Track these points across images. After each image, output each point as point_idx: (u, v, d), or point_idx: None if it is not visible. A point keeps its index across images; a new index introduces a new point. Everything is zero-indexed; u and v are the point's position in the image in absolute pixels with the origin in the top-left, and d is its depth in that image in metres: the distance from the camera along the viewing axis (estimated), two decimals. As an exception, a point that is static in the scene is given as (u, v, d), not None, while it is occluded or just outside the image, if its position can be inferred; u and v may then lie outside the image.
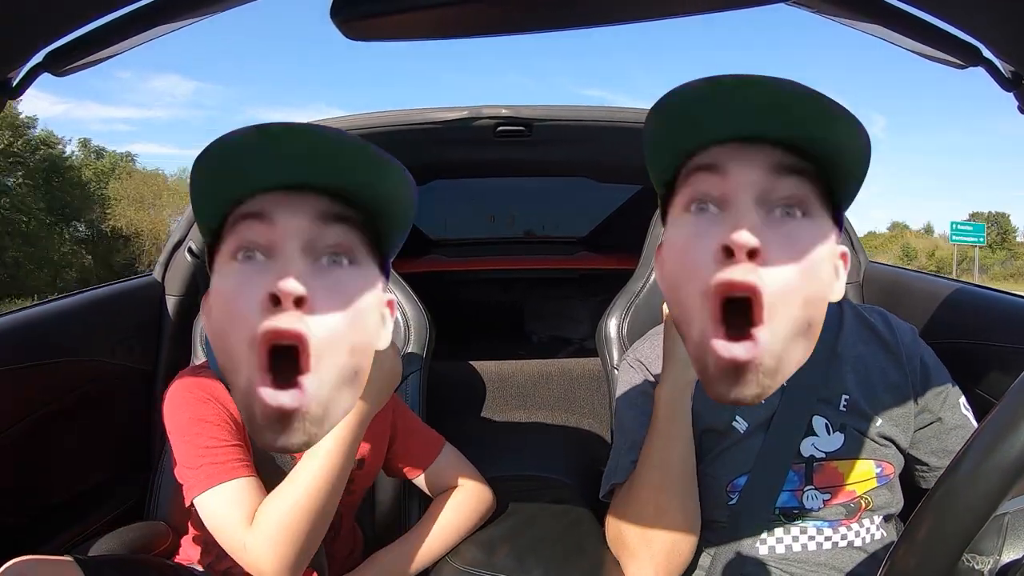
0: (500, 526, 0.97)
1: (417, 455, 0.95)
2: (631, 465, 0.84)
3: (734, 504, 0.82)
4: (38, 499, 1.04)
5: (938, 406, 0.87)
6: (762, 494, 0.81)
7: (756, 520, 0.82)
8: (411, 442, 0.96)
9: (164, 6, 0.44)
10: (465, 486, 0.95)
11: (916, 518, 0.43)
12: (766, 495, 0.81)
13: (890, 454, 0.85)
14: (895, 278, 1.28)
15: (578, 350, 1.79)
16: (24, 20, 0.39)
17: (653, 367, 0.89)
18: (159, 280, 1.29)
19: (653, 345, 0.93)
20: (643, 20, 0.40)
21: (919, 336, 0.92)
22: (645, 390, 0.89)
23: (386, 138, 1.27)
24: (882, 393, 0.85)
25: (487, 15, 0.39)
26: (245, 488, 0.71)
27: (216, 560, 0.92)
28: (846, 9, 0.48)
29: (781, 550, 0.82)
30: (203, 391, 0.78)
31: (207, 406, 0.77)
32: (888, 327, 0.90)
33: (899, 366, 0.87)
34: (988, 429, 0.41)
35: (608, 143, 1.32)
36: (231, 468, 0.72)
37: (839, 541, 0.82)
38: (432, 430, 1.00)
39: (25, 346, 1.00)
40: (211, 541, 0.90)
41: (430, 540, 0.90)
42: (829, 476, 0.82)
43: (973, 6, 0.43)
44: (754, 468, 0.81)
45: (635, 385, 0.91)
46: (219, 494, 0.71)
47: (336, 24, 0.38)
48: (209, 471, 0.72)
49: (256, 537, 0.68)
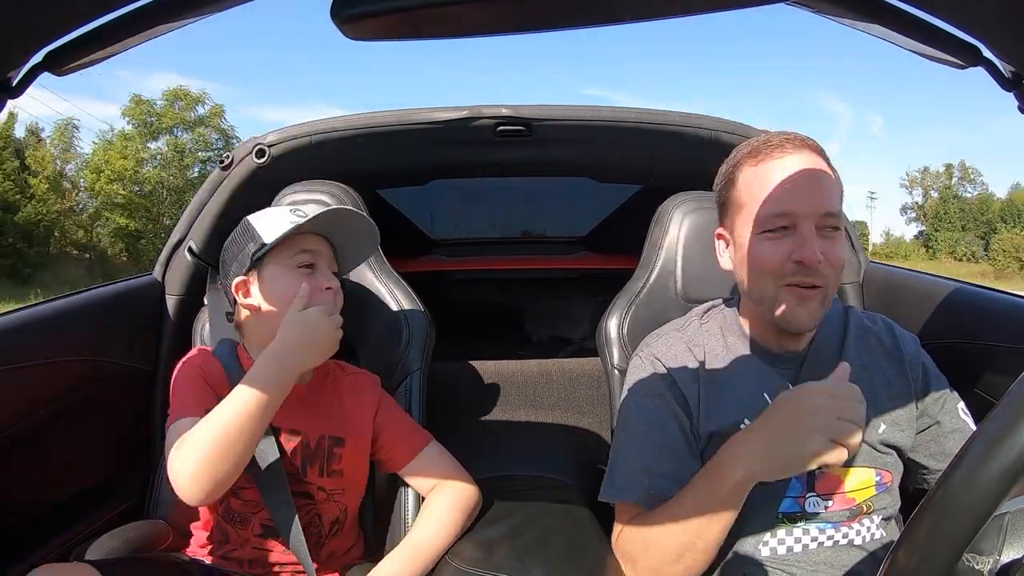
0: (500, 526, 0.97)
1: (402, 448, 0.98)
2: (646, 491, 0.82)
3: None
4: (38, 499, 1.04)
5: (937, 410, 0.88)
6: (767, 500, 0.81)
7: (759, 524, 0.82)
8: (395, 435, 0.99)
9: (164, 5, 0.44)
10: (452, 484, 0.97)
11: (916, 518, 0.43)
12: (770, 501, 0.81)
13: (890, 462, 0.85)
14: (894, 278, 1.28)
15: (578, 350, 1.79)
16: (24, 19, 0.39)
17: (669, 363, 0.89)
18: (159, 280, 1.29)
19: (669, 343, 0.92)
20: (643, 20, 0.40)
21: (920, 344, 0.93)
22: (660, 392, 0.87)
23: (386, 138, 1.27)
24: (886, 400, 0.86)
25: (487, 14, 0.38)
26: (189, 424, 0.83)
27: (226, 552, 0.93)
28: (846, 9, 0.48)
29: (782, 551, 0.82)
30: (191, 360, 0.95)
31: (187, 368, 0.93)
32: (892, 335, 0.92)
33: (902, 372, 0.88)
34: (987, 429, 0.41)
35: (609, 143, 1.32)
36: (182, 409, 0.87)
37: (839, 539, 0.82)
38: (419, 426, 1.03)
39: (25, 346, 1.00)
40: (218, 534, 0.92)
41: (431, 541, 0.91)
42: (830, 483, 0.83)
43: (973, 6, 0.43)
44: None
45: (647, 385, 0.89)
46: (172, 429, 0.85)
47: (336, 24, 0.38)
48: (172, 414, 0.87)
49: (176, 458, 0.79)
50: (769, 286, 0.80)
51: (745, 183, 0.83)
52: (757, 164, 0.82)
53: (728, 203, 0.86)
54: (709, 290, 1.09)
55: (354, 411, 0.98)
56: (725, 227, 0.88)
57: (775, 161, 0.80)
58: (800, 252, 0.77)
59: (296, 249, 0.94)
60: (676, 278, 1.13)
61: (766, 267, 0.79)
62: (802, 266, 0.77)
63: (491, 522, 0.98)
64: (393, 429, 1.00)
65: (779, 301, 0.79)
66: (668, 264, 1.13)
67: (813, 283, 0.78)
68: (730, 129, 1.26)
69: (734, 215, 0.85)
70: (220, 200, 1.27)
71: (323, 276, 0.94)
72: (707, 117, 1.28)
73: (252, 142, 1.26)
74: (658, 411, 0.86)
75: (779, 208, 0.78)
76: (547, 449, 1.42)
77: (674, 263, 1.13)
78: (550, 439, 1.45)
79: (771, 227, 0.79)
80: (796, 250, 0.77)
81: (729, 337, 0.90)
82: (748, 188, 0.82)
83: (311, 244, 0.95)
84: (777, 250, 0.78)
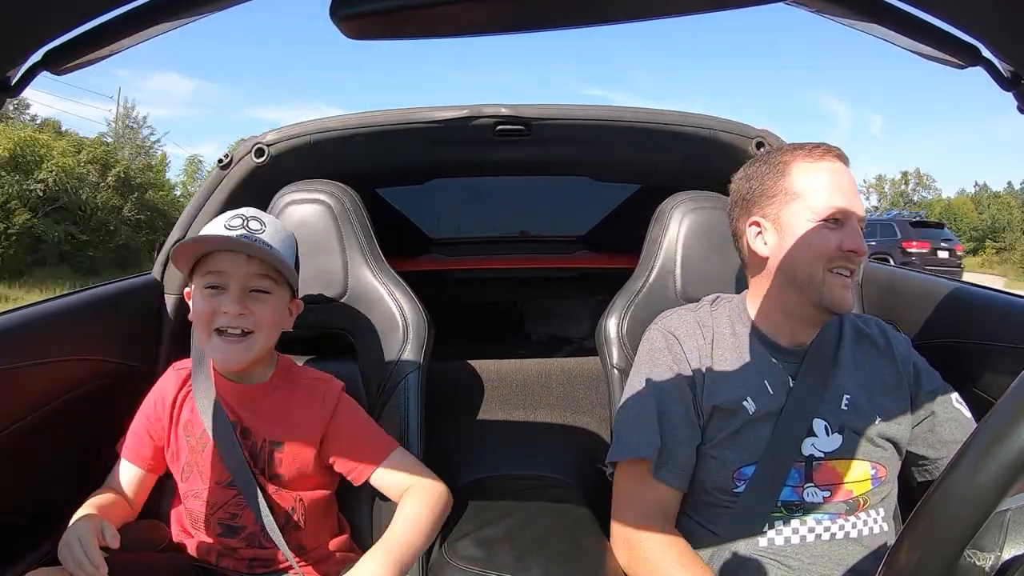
0: (500, 526, 0.97)
1: (364, 457, 0.97)
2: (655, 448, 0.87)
3: (740, 492, 0.85)
4: (38, 499, 1.04)
5: (931, 402, 0.92)
6: (768, 485, 0.85)
7: (760, 511, 0.85)
8: (354, 445, 0.97)
9: (163, 4, 0.44)
10: (422, 483, 0.96)
11: (917, 515, 0.43)
12: (771, 487, 0.85)
13: (886, 456, 0.89)
14: (893, 278, 1.28)
15: (578, 349, 1.79)
16: (23, 18, 0.39)
17: (681, 337, 0.95)
18: (158, 279, 1.28)
19: (682, 319, 0.98)
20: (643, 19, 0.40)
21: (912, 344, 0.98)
22: (669, 365, 0.92)
23: (385, 137, 1.27)
24: (880, 395, 0.91)
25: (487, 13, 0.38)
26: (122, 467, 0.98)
27: (220, 555, 0.93)
28: (845, 8, 0.48)
29: (780, 542, 0.84)
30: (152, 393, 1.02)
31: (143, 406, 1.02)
32: (884, 335, 0.98)
33: (895, 368, 0.94)
34: (987, 427, 0.41)
35: (608, 142, 1.32)
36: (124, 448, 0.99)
37: (837, 532, 0.85)
38: (383, 434, 1.01)
39: (24, 346, 0.99)
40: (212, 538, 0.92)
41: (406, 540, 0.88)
42: (827, 475, 0.86)
43: (973, 6, 0.43)
44: (762, 459, 0.85)
45: (662, 357, 0.94)
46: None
47: (336, 23, 0.38)
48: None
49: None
50: (819, 269, 0.87)
51: (802, 175, 0.90)
52: (815, 161, 0.90)
53: (773, 192, 0.91)
54: (708, 289, 1.09)
55: (301, 416, 0.96)
56: (764, 215, 0.93)
57: (829, 163, 0.90)
58: (852, 242, 0.87)
59: (204, 269, 0.90)
60: (675, 277, 1.13)
61: (822, 251, 0.87)
62: (852, 255, 0.87)
63: (491, 522, 0.98)
64: (352, 438, 0.97)
65: (826, 284, 0.87)
66: (667, 263, 1.13)
67: (852, 269, 0.88)
68: (729, 128, 1.27)
69: (784, 203, 0.91)
70: (219, 199, 1.27)
71: (229, 298, 0.88)
72: (706, 116, 1.28)
73: (251, 141, 1.26)
74: (667, 384, 0.91)
75: (839, 203, 0.88)
76: (546, 449, 1.42)
77: (673, 262, 1.13)
78: (549, 439, 1.45)
79: (829, 217, 0.87)
80: (847, 240, 0.87)
81: (737, 326, 0.95)
82: (807, 180, 0.90)
83: (220, 264, 0.89)
84: (833, 238, 0.87)
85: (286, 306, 0.96)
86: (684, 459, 0.87)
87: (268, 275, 0.91)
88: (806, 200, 0.89)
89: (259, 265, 0.90)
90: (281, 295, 0.94)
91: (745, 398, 0.88)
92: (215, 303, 0.89)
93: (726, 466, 0.86)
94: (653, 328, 0.99)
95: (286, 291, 0.95)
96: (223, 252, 0.89)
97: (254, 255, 0.89)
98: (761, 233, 0.93)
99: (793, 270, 0.89)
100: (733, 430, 0.87)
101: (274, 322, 0.93)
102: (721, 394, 0.89)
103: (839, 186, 0.88)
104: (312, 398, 0.98)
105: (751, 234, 0.94)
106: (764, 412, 0.87)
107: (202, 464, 0.94)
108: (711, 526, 0.87)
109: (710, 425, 0.88)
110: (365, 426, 1.00)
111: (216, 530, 0.94)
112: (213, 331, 0.89)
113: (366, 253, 1.18)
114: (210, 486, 0.93)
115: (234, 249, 0.89)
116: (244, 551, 0.94)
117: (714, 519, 0.87)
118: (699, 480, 0.88)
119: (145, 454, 0.98)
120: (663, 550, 0.82)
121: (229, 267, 0.89)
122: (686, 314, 0.99)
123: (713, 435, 0.88)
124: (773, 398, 0.88)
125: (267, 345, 0.94)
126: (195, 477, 0.95)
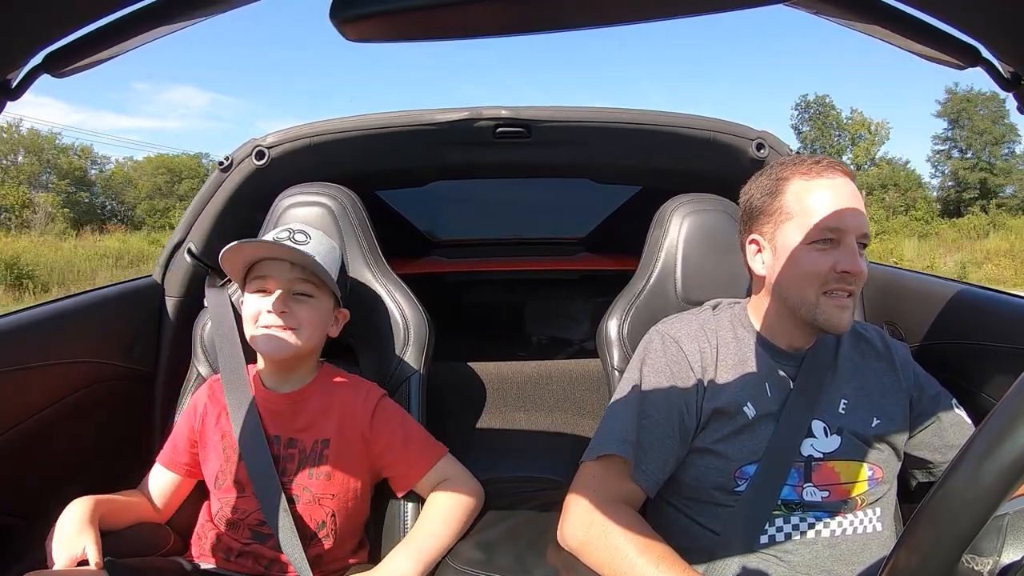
0: (500, 526, 0.97)
1: (408, 461, 0.99)
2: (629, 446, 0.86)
3: (741, 491, 0.85)
4: (38, 499, 1.04)
5: (934, 408, 0.93)
6: (769, 484, 0.85)
7: (761, 509, 0.85)
8: (397, 449, 0.99)
9: (164, 7, 0.44)
10: (456, 480, 0.98)
11: (916, 519, 0.43)
12: (772, 486, 0.85)
13: (883, 458, 0.90)
14: (893, 279, 1.28)
15: (578, 351, 1.79)
16: (23, 20, 0.39)
17: (683, 341, 0.94)
18: (159, 282, 1.29)
19: (685, 323, 0.97)
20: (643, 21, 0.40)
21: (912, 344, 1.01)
22: (665, 372, 0.91)
23: (385, 140, 1.27)
24: (878, 396, 0.92)
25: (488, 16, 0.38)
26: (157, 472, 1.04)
27: (222, 556, 0.93)
28: (845, 10, 0.48)
29: (780, 538, 0.86)
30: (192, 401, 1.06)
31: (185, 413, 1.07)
32: (883, 341, 0.99)
33: (894, 373, 0.95)
34: (987, 430, 0.41)
35: (608, 144, 1.32)
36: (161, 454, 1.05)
37: (835, 530, 0.87)
38: (432, 440, 1.02)
39: (26, 348, 1.00)
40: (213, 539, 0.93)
41: (435, 534, 0.91)
42: (826, 475, 0.87)
43: (973, 6, 0.42)
44: (764, 458, 0.86)
45: (665, 360, 0.93)
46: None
47: (335, 24, 0.38)
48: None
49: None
50: (811, 292, 0.86)
51: (796, 195, 0.88)
52: (811, 179, 0.88)
53: (770, 211, 0.90)
54: (709, 291, 1.09)
55: (341, 415, 0.98)
56: (761, 233, 0.92)
57: (826, 180, 0.87)
58: (846, 263, 0.84)
59: (252, 275, 0.98)
60: (676, 279, 1.13)
61: (812, 274, 0.86)
62: (846, 275, 0.85)
63: (491, 523, 0.98)
64: (392, 442, 0.99)
65: (820, 307, 0.86)
66: (668, 265, 1.13)
67: (851, 291, 0.86)
68: (729, 130, 1.27)
69: (778, 223, 0.89)
70: (220, 202, 1.27)
71: (274, 299, 0.94)
72: (706, 118, 1.28)
73: (252, 144, 1.26)
74: (655, 387, 0.91)
75: (831, 223, 0.85)
76: (547, 450, 1.41)
77: (674, 264, 1.13)
78: (550, 440, 1.45)
79: (820, 239, 0.86)
80: (842, 261, 0.85)
81: (739, 330, 0.96)
82: (799, 200, 0.88)
83: (264, 270, 0.97)
84: (825, 260, 0.85)
85: (330, 312, 1.01)
86: (655, 462, 0.87)
87: (310, 280, 0.97)
88: (799, 220, 0.87)
89: (301, 271, 0.96)
90: (323, 300, 0.99)
91: (746, 403, 0.88)
92: (261, 303, 0.95)
93: (729, 462, 0.86)
94: (653, 331, 0.99)
95: (329, 297, 1.00)
96: (269, 259, 0.97)
97: (296, 262, 0.96)
98: (760, 252, 0.93)
99: (786, 292, 0.89)
100: (734, 430, 0.87)
101: (317, 323, 0.98)
102: (723, 397, 0.89)
103: (836, 203, 0.86)
104: (353, 399, 1.00)
105: (750, 252, 0.94)
106: (764, 413, 0.88)
107: (234, 472, 0.96)
108: (711, 526, 0.88)
109: (710, 426, 0.89)
110: (409, 431, 1.01)
111: (245, 534, 0.96)
112: (259, 327, 0.95)
113: (367, 255, 1.18)
114: (240, 494, 0.96)
115: (273, 256, 0.96)
116: (268, 552, 0.95)
117: (714, 519, 0.88)
118: (700, 481, 0.88)
119: (181, 460, 1.03)
120: (626, 533, 0.79)
121: (272, 271, 0.96)
122: (689, 318, 0.98)
123: (712, 434, 0.88)
124: (773, 400, 0.89)
125: (311, 342, 0.98)
126: (227, 484, 0.97)
